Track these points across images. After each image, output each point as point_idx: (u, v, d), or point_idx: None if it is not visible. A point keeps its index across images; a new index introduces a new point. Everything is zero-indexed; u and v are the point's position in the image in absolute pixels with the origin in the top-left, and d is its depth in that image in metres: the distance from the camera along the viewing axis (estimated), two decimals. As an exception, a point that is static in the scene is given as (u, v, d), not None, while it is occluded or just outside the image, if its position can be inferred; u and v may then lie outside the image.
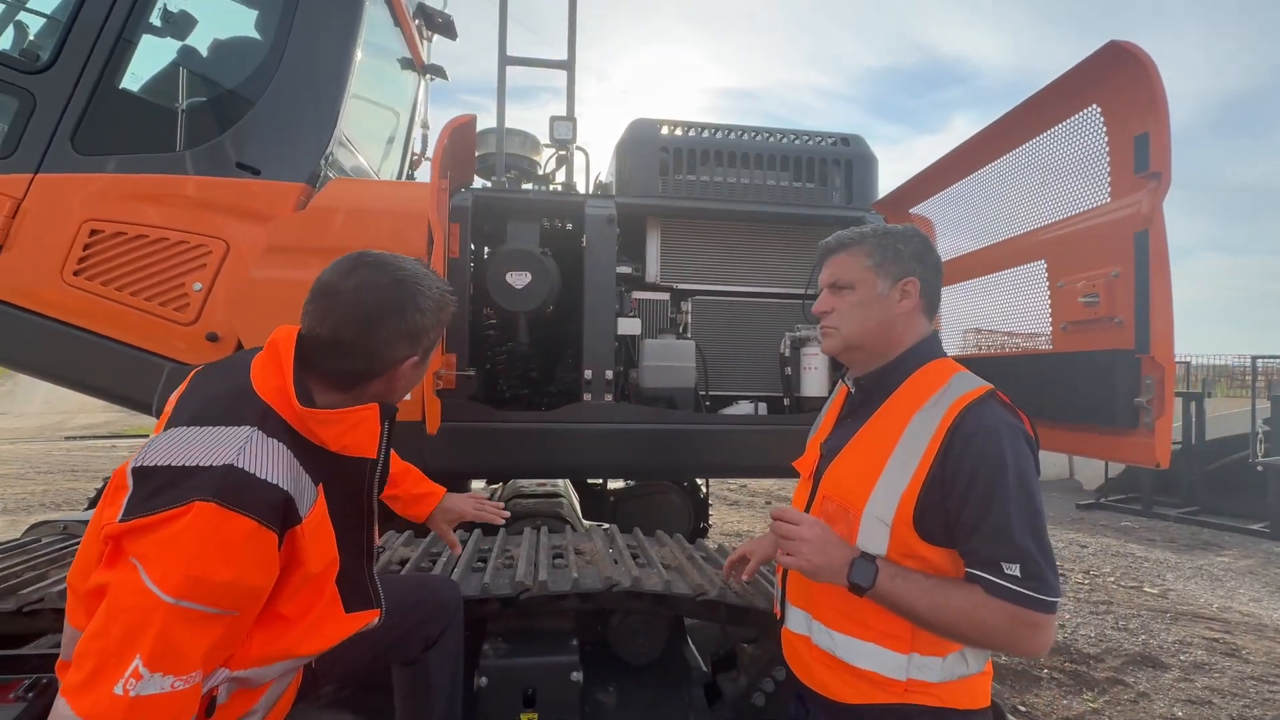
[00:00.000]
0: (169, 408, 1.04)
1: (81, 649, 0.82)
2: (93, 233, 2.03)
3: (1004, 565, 0.99)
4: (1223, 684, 3.43)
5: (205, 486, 0.85)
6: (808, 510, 1.25)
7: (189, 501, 0.83)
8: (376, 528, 1.16)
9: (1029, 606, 0.98)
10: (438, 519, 1.59)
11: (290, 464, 0.93)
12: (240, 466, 0.88)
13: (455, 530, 1.66)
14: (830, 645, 1.15)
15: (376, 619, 1.14)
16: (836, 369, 2.34)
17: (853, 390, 1.30)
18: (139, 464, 0.88)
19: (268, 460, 0.91)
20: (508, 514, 1.69)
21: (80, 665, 0.81)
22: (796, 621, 1.24)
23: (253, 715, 1.04)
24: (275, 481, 0.90)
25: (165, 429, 0.96)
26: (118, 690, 0.79)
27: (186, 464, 0.87)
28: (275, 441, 0.93)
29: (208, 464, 0.87)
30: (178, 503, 0.83)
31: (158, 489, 0.85)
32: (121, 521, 0.84)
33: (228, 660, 0.95)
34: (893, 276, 1.19)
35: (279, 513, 0.90)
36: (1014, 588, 0.98)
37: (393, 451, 1.50)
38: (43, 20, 2.19)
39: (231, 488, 0.86)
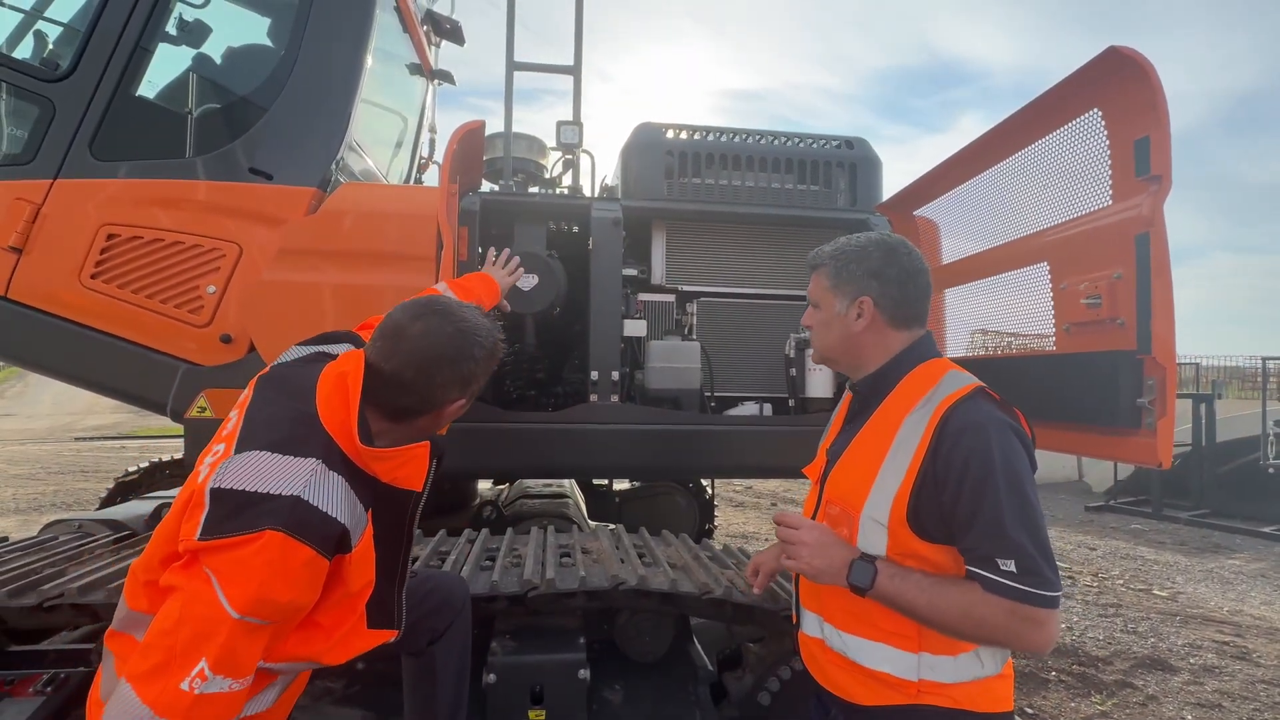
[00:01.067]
0: (237, 418, 1.09)
1: (150, 642, 0.91)
2: (110, 237, 2.08)
3: (999, 561, 0.99)
4: (1233, 687, 3.41)
5: (275, 515, 0.94)
6: (814, 515, 1.27)
7: (261, 529, 0.92)
8: (410, 553, 1.22)
9: (1026, 602, 0.98)
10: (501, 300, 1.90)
11: (347, 496, 1.01)
12: (306, 499, 0.96)
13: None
14: (842, 647, 1.16)
15: (393, 638, 1.19)
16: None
17: (853, 395, 1.33)
18: (216, 485, 0.97)
19: (330, 494, 0.99)
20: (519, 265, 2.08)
21: (147, 655, 0.90)
22: (810, 625, 1.25)
23: (268, 691, 1.10)
24: (335, 515, 0.99)
25: (238, 450, 1.01)
26: (184, 686, 0.88)
27: (259, 490, 0.96)
28: (336, 476, 1.01)
29: (278, 493, 0.95)
30: (251, 529, 0.92)
31: (232, 511, 0.94)
32: (200, 540, 0.93)
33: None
34: (848, 296, 1.22)
35: (334, 543, 0.99)
36: (1010, 583, 0.98)
37: (464, 284, 1.73)
38: (61, 29, 2.24)
39: (298, 521, 0.94)
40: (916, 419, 1.11)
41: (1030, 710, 3.11)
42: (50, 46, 2.25)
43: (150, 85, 2.22)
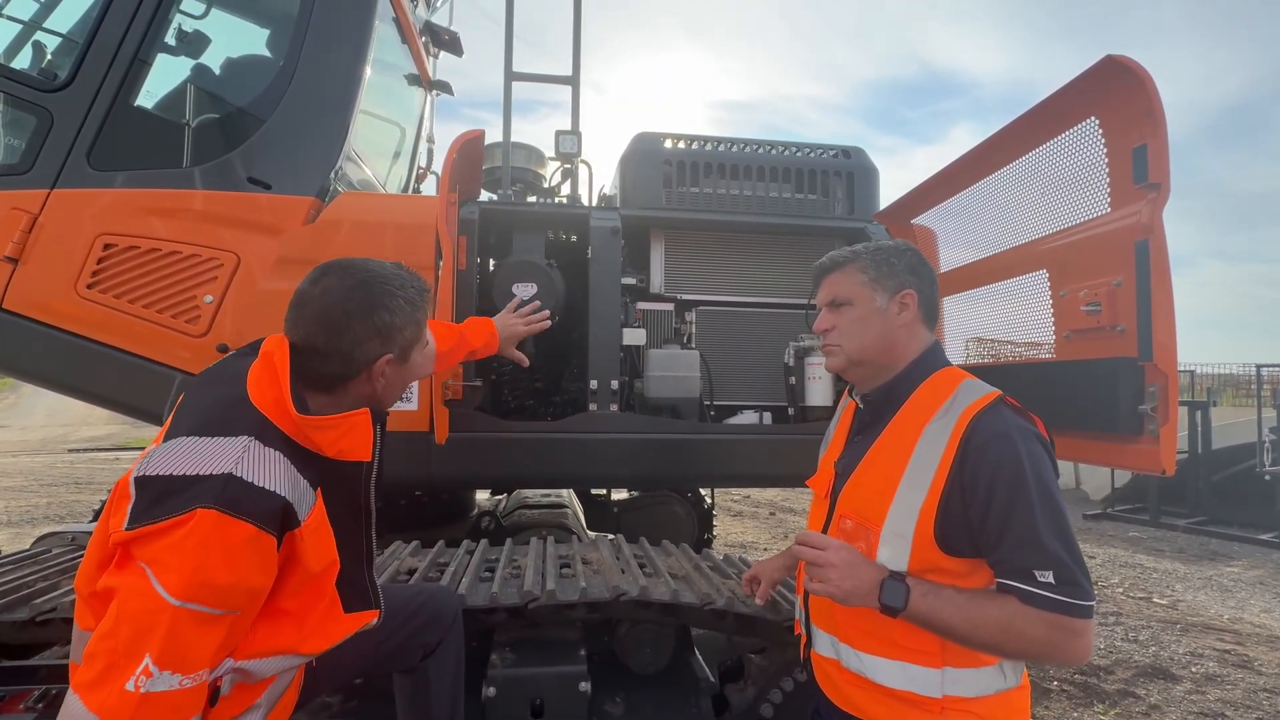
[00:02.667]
0: (169, 419, 1.07)
1: (91, 649, 0.86)
2: (106, 246, 2.06)
3: (1036, 573, 0.97)
4: (1235, 696, 3.39)
5: (206, 495, 0.88)
6: (825, 530, 1.24)
7: (192, 509, 0.87)
8: (374, 530, 1.17)
9: (1066, 613, 0.96)
10: (506, 348, 1.91)
11: (288, 471, 0.96)
12: (239, 475, 0.91)
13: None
14: (860, 667, 1.13)
15: (375, 619, 1.15)
16: (840, 379, 2.35)
17: (861, 407, 1.30)
18: (141, 474, 0.91)
19: (265, 469, 0.94)
20: (546, 316, 2.07)
21: (91, 664, 0.85)
22: (824, 645, 1.22)
23: (255, 711, 1.05)
24: (273, 489, 0.93)
25: (165, 440, 0.98)
26: (129, 686, 0.82)
27: (188, 473, 0.90)
28: (272, 451, 0.96)
29: (208, 473, 0.90)
30: (181, 510, 0.87)
31: (160, 497, 0.89)
32: (128, 529, 0.88)
33: (232, 650, 0.98)
34: (889, 290, 1.20)
35: (277, 518, 0.93)
36: (1050, 595, 0.96)
37: (445, 324, 1.68)
38: (60, 40, 2.24)
39: (231, 497, 0.89)
40: (937, 430, 1.09)
41: (1033, 720, 3.09)
42: (49, 57, 2.25)
43: (149, 95, 2.21)
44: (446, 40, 3.60)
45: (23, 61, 2.25)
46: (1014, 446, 1.02)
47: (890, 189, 2.51)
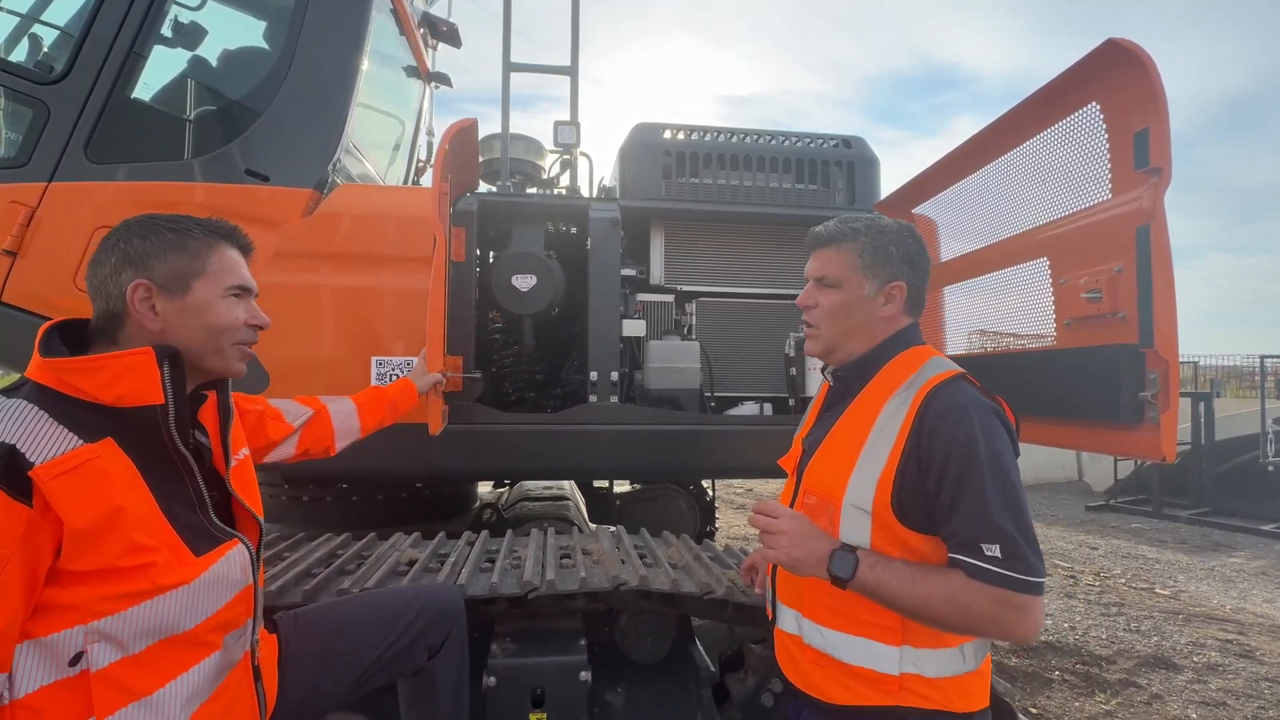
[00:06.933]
0: None
1: None
2: (105, 240, 2.06)
3: (984, 546, 0.96)
4: (1237, 685, 3.39)
5: None
6: (793, 504, 1.24)
7: None
8: (199, 474, 1.07)
9: (1011, 588, 0.95)
10: (424, 392, 1.85)
11: (27, 417, 0.90)
12: None
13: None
14: (822, 643, 1.13)
15: (235, 546, 1.08)
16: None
17: (832, 383, 1.29)
18: None
19: None
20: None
21: None
22: (787, 621, 1.22)
23: (160, 703, 0.97)
24: None
25: None
26: None
27: None
28: (15, 401, 0.91)
29: None
30: None
31: None
32: None
33: (74, 614, 0.91)
34: (880, 280, 1.16)
35: None
36: (994, 569, 0.95)
37: (377, 390, 1.73)
38: (56, 33, 2.23)
39: None
40: (897, 404, 1.09)
41: (1034, 710, 3.10)
42: (45, 49, 2.24)
43: (145, 88, 2.21)
44: (445, 32, 3.58)
45: (19, 54, 2.24)
46: (970, 419, 1.02)
47: (892, 182, 2.49)
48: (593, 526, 3.09)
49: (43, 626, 0.89)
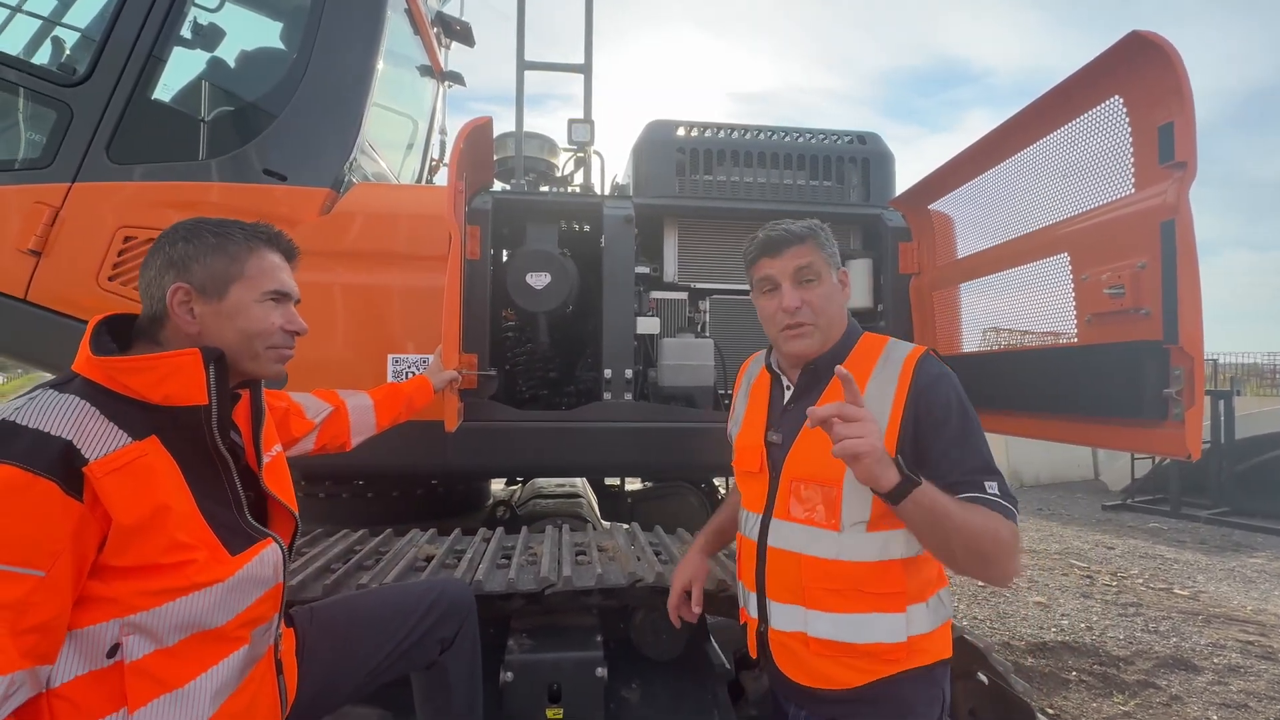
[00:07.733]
0: None
1: None
2: (127, 239, 2.09)
3: (986, 485, 1.08)
4: (1259, 687, 3.34)
5: None
6: (772, 501, 1.24)
7: None
8: (236, 475, 1.09)
9: (1013, 519, 1.07)
10: (440, 389, 1.87)
11: (81, 414, 0.91)
12: (12, 420, 0.88)
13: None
14: (832, 630, 1.15)
15: (269, 545, 1.10)
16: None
17: (796, 377, 1.30)
18: None
19: (48, 412, 0.89)
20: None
21: None
22: (786, 619, 1.21)
23: (189, 696, 0.98)
24: (49, 430, 0.87)
25: None
26: None
27: None
28: (68, 396, 0.92)
29: None
30: None
31: None
32: None
33: (112, 607, 0.92)
34: (834, 267, 1.28)
35: (51, 459, 0.86)
36: (1004, 503, 1.07)
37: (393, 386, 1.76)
38: (78, 35, 2.27)
39: None
40: (882, 380, 1.18)
41: (1052, 711, 3.07)
42: (67, 52, 2.28)
43: (165, 89, 2.24)
44: (458, 31, 3.60)
45: (42, 57, 2.28)
46: (954, 384, 1.17)
47: (906, 178, 2.47)
48: (605, 524, 3.10)
49: (81, 618, 0.91)
